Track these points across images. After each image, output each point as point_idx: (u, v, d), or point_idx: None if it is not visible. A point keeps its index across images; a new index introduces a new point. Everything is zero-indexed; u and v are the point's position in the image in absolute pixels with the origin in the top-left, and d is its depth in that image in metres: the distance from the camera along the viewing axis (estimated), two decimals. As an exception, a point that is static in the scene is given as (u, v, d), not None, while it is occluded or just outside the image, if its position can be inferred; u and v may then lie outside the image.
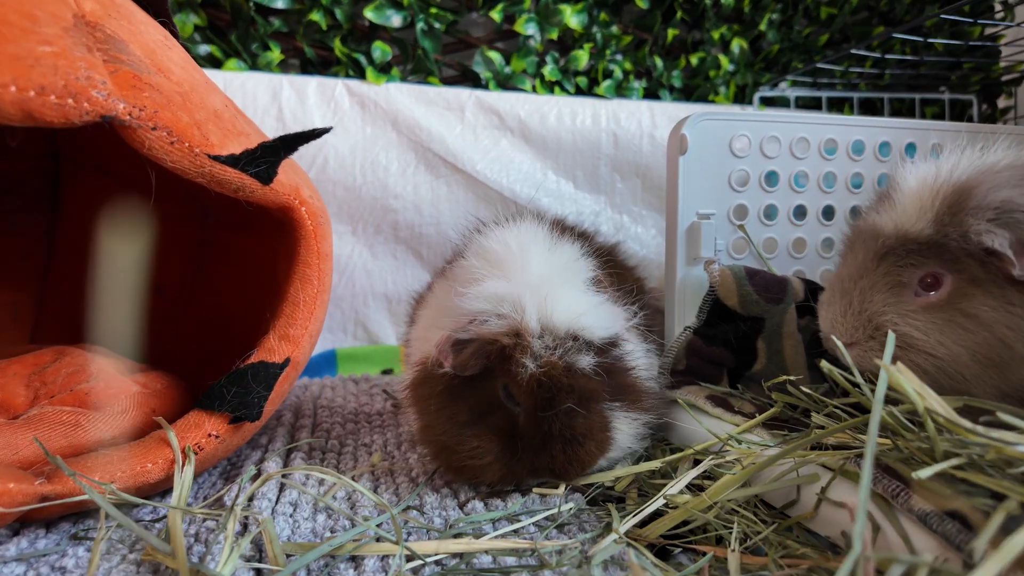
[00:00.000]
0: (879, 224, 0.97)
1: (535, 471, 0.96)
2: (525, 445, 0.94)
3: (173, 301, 1.68)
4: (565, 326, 0.93)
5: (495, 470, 0.95)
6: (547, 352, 0.92)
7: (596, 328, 0.95)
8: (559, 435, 0.93)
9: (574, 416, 0.92)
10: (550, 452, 0.94)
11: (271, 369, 1.02)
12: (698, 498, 0.85)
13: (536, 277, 0.95)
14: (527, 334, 0.92)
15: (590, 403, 0.94)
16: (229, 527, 0.77)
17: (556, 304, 0.93)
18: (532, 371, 0.91)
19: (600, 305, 0.98)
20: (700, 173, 1.24)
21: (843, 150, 1.33)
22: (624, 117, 2.19)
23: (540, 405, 0.92)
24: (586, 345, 0.94)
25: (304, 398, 1.44)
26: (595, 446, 0.95)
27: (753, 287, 1.18)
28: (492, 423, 0.96)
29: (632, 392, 1.00)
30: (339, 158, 2.02)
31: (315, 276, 1.07)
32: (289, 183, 1.05)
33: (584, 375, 0.93)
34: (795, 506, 0.88)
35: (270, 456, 1.12)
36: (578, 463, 0.95)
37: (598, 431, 0.95)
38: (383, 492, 1.03)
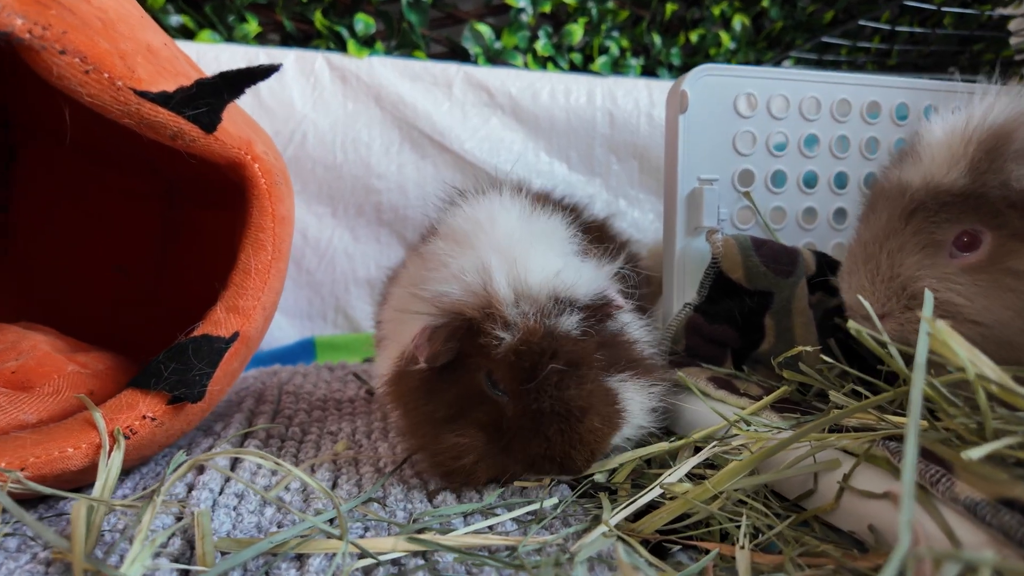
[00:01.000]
0: (905, 178, 0.85)
1: (532, 464, 0.81)
2: (515, 434, 0.81)
3: (138, 282, 1.56)
4: (542, 287, 0.80)
5: (483, 469, 0.82)
6: (523, 319, 0.80)
7: (579, 285, 0.82)
8: (551, 411, 0.79)
9: (565, 385, 0.79)
10: (544, 434, 0.79)
11: (216, 344, 0.90)
12: (700, 487, 0.73)
13: (505, 240, 0.83)
14: (497, 303, 0.80)
15: (582, 368, 0.80)
16: (144, 520, 0.66)
17: (529, 264, 0.81)
18: (508, 342, 0.79)
19: (582, 263, 0.86)
20: (702, 134, 1.13)
21: (857, 112, 1.21)
22: (621, 95, 2.07)
23: (522, 378, 0.79)
24: (569, 305, 0.81)
25: (270, 384, 1.32)
26: (600, 420, 0.80)
27: (760, 258, 1.07)
28: (475, 417, 0.83)
29: (639, 362, 0.88)
30: (318, 135, 1.91)
31: (269, 241, 0.95)
32: (239, 135, 0.93)
33: (570, 337, 0.80)
34: (812, 497, 0.76)
35: (220, 443, 1.00)
36: (581, 444, 0.80)
37: (601, 403, 0.81)
38: (344, 483, 0.91)
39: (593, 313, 0.84)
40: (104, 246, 1.54)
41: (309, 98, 1.92)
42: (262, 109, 1.88)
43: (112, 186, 1.53)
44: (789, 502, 0.79)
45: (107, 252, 1.54)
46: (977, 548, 0.56)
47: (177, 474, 0.70)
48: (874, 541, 0.66)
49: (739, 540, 0.67)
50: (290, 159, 1.91)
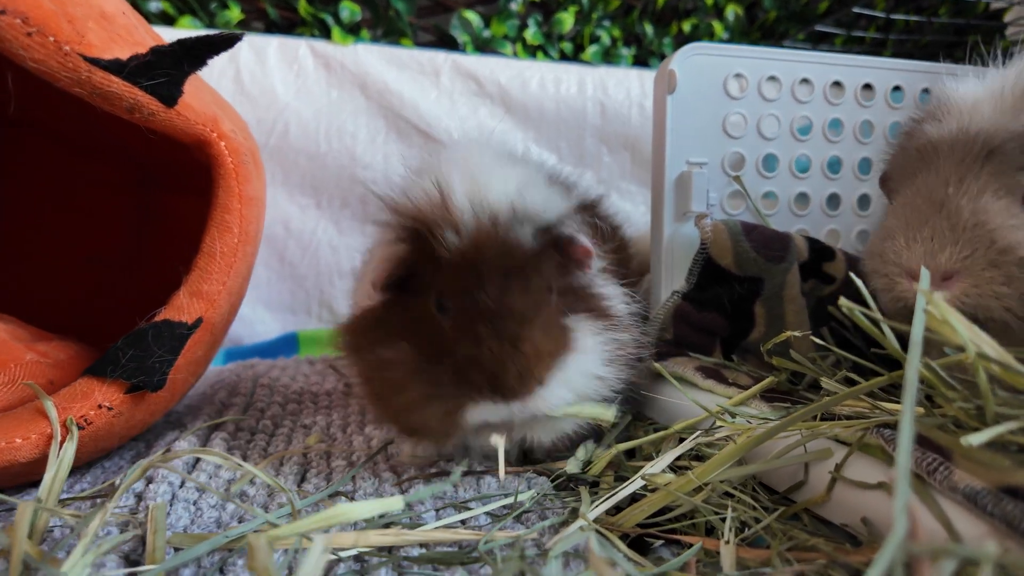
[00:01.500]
0: (972, 126, 0.76)
1: (461, 373, 0.74)
2: (453, 347, 0.74)
3: (110, 270, 1.52)
4: (501, 200, 0.75)
5: (414, 385, 0.75)
6: (477, 224, 0.75)
7: (546, 205, 0.77)
8: (488, 313, 0.72)
9: (510, 290, 0.73)
10: (475, 335, 0.72)
11: (177, 330, 0.86)
12: (683, 478, 0.69)
13: (473, 154, 0.80)
14: (452, 209, 0.75)
15: (532, 278, 0.75)
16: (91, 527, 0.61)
17: (492, 181, 0.76)
18: (457, 246, 0.74)
19: (556, 192, 0.81)
20: (691, 116, 1.09)
21: (851, 94, 1.17)
22: (612, 85, 2.03)
23: (466, 282, 0.73)
24: (528, 219, 0.76)
25: (245, 377, 1.28)
26: (542, 334, 0.73)
27: (751, 244, 1.02)
28: (414, 338, 0.78)
29: (601, 312, 0.82)
30: (302, 124, 1.86)
31: (235, 223, 0.91)
32: (204, 111, 0.89)
33: (523, 247, 0.75)
34: (802, 489, 0.72)
35: (185, 435, 0.95)
36: (516, 353, 0.72)
37: (547, 320, 0.75)
38: (312, 477, 0.87)
39: (555, 244, 0.79)
40: (77, 235, 1.49)
41: (292, 86, 1.88)
42: (243, 96, 1.84)
43: (85, 173, 1.48)
44: (778, 495, 0.75)
45: (80, 241, 1.49)
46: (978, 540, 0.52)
47: (129, 482, 0.66)
48: (868, 534, 0.62)
49: (724, 534, 0.63)
50: (272, 149, 1.86)
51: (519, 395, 0.73)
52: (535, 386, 0.74)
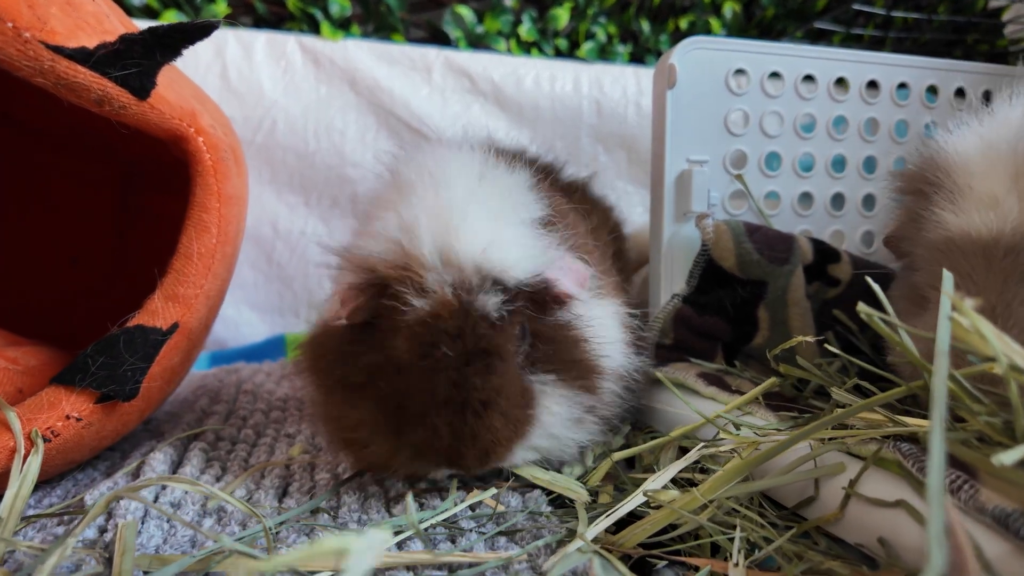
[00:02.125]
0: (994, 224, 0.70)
1: (418, 453, 0.72)
2: (408, 416, 0.72)
3: (90, 272, 1.46)
4: (471, 259, 0.71)
5: (377, 445, 0.73)
6: (440, 289, 0.71)
7: (517, 263, 0.72)
8: (444, 398, 0.69)
9: (468, 372, 0.69)
10: (432, 423, 0.69)
11: (151, 336, 0.81)
12: (688, 495, 0.65)
13: (445, 201, 0.74)
14: (417, 265, 0.71)
15: (491, 357, 0.70)
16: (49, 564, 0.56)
17: (463, 230, 0.72)
18: (418, 312, 0.70)
19: (529, 235, 0.75)
20: (691, 112, 1.05)
21: (856, 91, 1.14)
22: (608, 83, 1.99)
23: (421, 353, 0.70)
24: (494, 283, 0.72)
25: (228, 382, 1.23)
26: (501, 420, 0.70)
27: (753, 245, 0.99)
28: (378, 389, 0.74)
29: (574, 365, 0.77)
30: (289, 121, 1.81)
31: (214, 223, 0.86)
32: (180, 104, 0.84)
33: (486, 319, 0.71)
34: (813, 505, 0.68)
35: (162, 446, 0.90)
36: (473, 441, 0.69)
37: (508, 401, 0.71)
38: (295, 492, 0.82)
39: (529, 297, 0.74)
40: (57, 235, 1.44)
41: (280, 82, 1.82)
42: (230, 93, 1.79)
43: (65, 171, 1.43)
44: (787, 510, 0.71)
45: (60, 242, 1.44)
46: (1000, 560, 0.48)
47: (93, 514, 0.61)
48: (886, 556, 0.58)
49: (732, 556, 0.59)
50: (259, 146, 1.81)
51: (473, 471, 0.74)
52: (496, 463, 0.74)
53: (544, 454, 0.79)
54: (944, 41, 2.23)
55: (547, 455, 0.79)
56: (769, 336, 1.00)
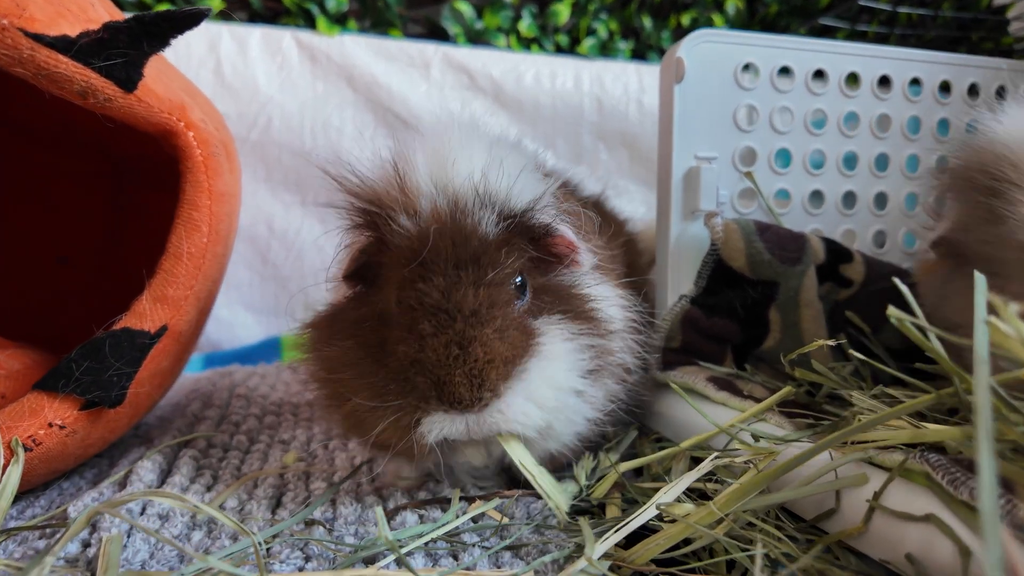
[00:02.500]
0: None
1: (403, 375, 0.65)
2: (394, 340, 0.67)
3: (82, 273, 1.42)
4: (467, 183, 0.68)
5: (359, 393, 0.67)
6: (434, 209, 0.67)
7: (515, 191, 0.69)
8: (435, 308, 0.64)
9: (461, 289, 0.65)
10: (419, 333, 0.64)
11: (139, 339, 0.77)
12: (703, 508, 0.62)
13: (444, 139, 0.71)
14: (408, 189, 0.68)
15: (486, 269, 0.66)
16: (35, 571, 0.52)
17: (461, 158, 0.69)
18: (410, 232, 0.67)
19: (535, 175, 0.72)
20: (700, 107, 1.01)
21: (868, 86, 1.10)
22: (609, 80, 1.96)
23: (414, 277, 0.66)
24: (493, 205, 0.68)
25: (221, 386, 1.20)
26: (498, 336, 0.64)
27: (764, 244, 0.95)
28: (367, 332, 0.70)
29: (582, 313, 0.72)
30: (285, 118, 1.78)
31: (204, 221, 0.83)
32: (170, 97, 0.80)
33: (483, 236, 0.67)
34: (833, 518, 0.64)
35: (151, 454, 0.87)
36: (464, 356, 0.63)
37: (506, 320, 0.66)
38: (288, 502, 0.79)
39: (527, 234, 0.71)
40: (46, 234, 1.40)
41: (276, 78, 1.79)
42: (224, 89, 1.75)
43: (55, 168, 1.39)
44: (805, 523, 0.67)
45: (49, 241, 1.40)
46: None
47: (73, 530, 0.57)
48: (914, 574, 0.54)
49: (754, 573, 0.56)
50: (254, 144, 1.78)
51: (470, 406, 0.65)
52: (488, 396, 0.65)
53: (545, 422, 0.69)
54: (949, 38, 2.20)
55: (548, 427, 0.70)
56: (780, 339, 0.97)
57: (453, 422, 0.66)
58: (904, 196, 1.15)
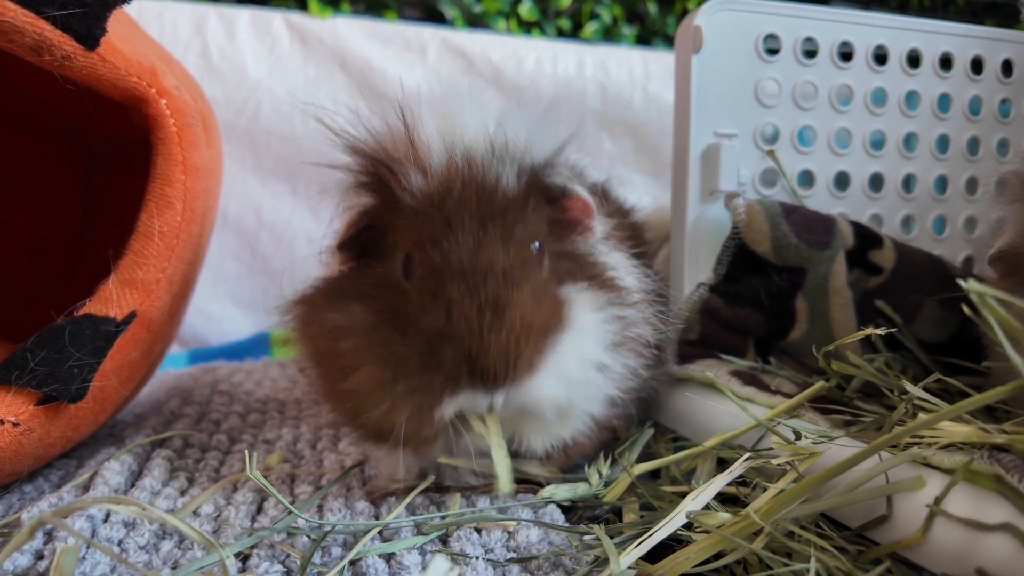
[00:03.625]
0: None
1: (429, 348, 0.58)
2: (419, 316, 0.59)
3: (54, 263, 1.34)
4: (479, 134, 0.62)
5: (371, 365, 0.59)
6: (448, 164, 0.61)
7: (532, 141, 0.63)
8: (462, 270, 0.57)
9: (491, 247, 0.58)
10: (447, 299, 0.57)
11: (103, 326, 0.69)
12: (741, 518, 0.54)
13: (450, 96, 0.65)
14: (418, 143, 0.61)
15: (516, 226, 0.60)
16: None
17: (467, 107, 0.63)
18: (424, 190, 0.60)
19: (550, 127, 0.66)
20: (719, 80, 0.94)
21: (896, 60, 1.03)
22: (613, 66, 1.88)
23: (433, 233, 0.59)
24: (511, 157, 0.62)
25: (203, 382, 1.12)
26: (536, 311, 0.58)
27: (791, 227, 0.88)
28: (375, 300, 0.63)
29: (603, 280, 0.66)
30: (275, 103, 1.70)
31: (178, 198, 0.75)
32: (139, 60, 0.73)
33: (504, 192, 0.61)
34: (885, 526, 0.57)
35: (120, 455, 0.79)
36: (507, 334, 0.56)
37: (539, 289, 0.60)
38: (270, 508, 0.71)
39: (544, 191, 0.65)
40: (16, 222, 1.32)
41: (265, 62, 1.71)
42: (211, 73, 1.67)
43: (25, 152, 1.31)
44: (849, 531, 0.60)
45: (20, 229, 1.32)
46: None
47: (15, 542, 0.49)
48: (990, 594, 0.47)
49: (802, 593, 0.48)
50: (243, 131, 1.70)
51: (504, 382, 0.57)
52: (524, 373, 0.58)
53: (575, 387, 0.63)
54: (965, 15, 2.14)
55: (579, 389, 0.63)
56: (807, 330, 0.90)
57: (478, 400, 0.59)
58: (934, 179, 1.08)
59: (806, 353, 0.92)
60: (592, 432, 0.71)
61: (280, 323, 0.79)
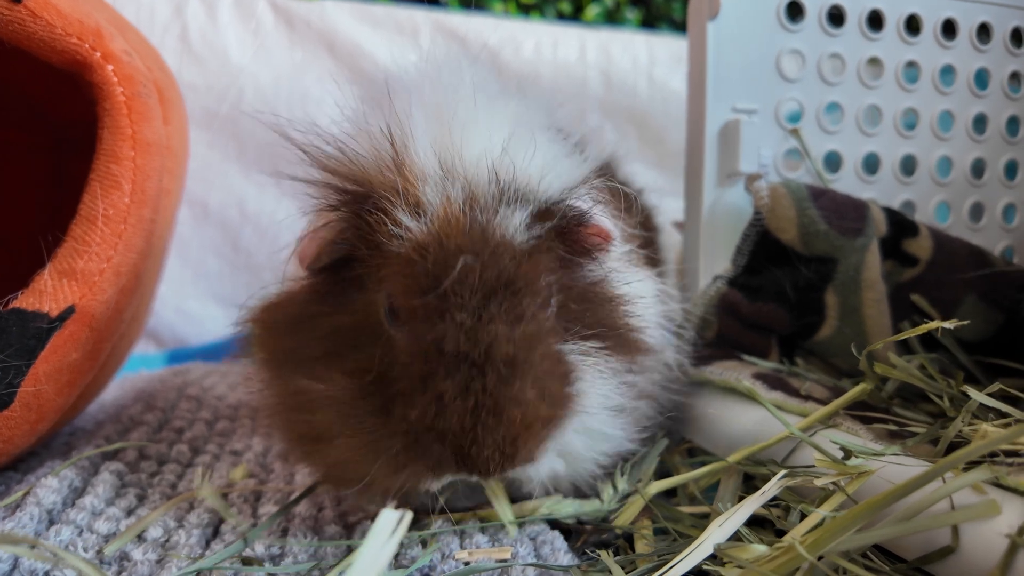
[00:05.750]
0: None
1: (414, 440, 0.50)
2: (407, 393, 0.51)
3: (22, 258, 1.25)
4: (480, 164, 0.53)
5: (350, 438, 0.51)
6: (444, 203, 0.52)
7: (545, 175, 0.54)
8: (454, 356, 0.49)
9: (494, 328, 0.49)
10: (437, 388, 0.49)
11: (33, 323, 0.60)
12: (782, 551, 0.45)
13: (449, 95, 0.56)
14: (410, 173, 0.52)
15: (523, 298, 0.51)
16: None
17: (469, 132, 0.54)
18: (414, 234, 0.51)
19: (563, 151, 0.57)
20: (737, 50, 0.85)
21: (930, 30, 0.94)
22: (617, 52, 1.79)
23: (423, 287, 0.50)
24: (519, 198, 0.53)
25: (171, 385, 1.02)
26: (540, 404, 0.50)
27: (820, 212, 0.79)
28: (353, 358, 0.53)
29: (615, 333, 0.57)
30: (259, 90, 1.61)
31: (126, 177, 0.66)
32: (80, 19, 0.63)
33: (510, 244, 0.52)
34: (951, 559, 0.47)
35: (60, 469, 0.69)
36: (495, 420, 0.49)
37: (546, 372, 0.51)
38: (228, 531, 0.61)
39: (559, 231, 0.56)
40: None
41: (249, 46, 1.62)
42: (191, 58, 1.58)
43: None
44: (905, 563, 0.51)
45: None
46: None
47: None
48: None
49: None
50: (225, 118, 1.60)
51: (498, 474, 0.51)
52: (522, 463, 0.52)
53: (575, 461, 0.58)
54: None
55: (579, 462, 0.58)
56: (838, 327, 0.80)
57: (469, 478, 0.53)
58: (970, 162, 0.98)
59: (835, 353, 0.83)
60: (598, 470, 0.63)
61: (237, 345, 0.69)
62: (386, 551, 0.34)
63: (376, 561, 0.33)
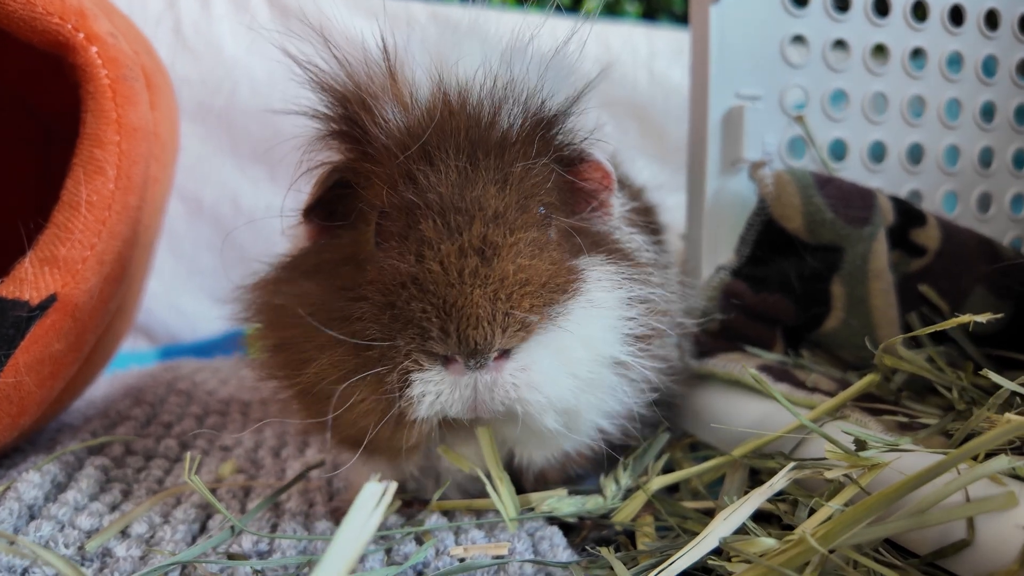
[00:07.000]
0: None
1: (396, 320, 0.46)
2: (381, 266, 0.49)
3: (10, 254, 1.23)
4: (480, 70, 0.52)
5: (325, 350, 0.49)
6: (436, 96, 0.51)
7: (544, 79, 0.53)
8: (449, 218, 0.47)
9: (482, 186, 0.48)
10: (422, 258, 0.46)
11: (13, 312, 0.58)
12: (791, 544, 0.42)
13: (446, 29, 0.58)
14: (402, 77, 0.52)
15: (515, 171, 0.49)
16: None
17: (468, 44, 0.55)
18: (399, 124, 0.50)
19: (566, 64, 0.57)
20: (741, 35, 0.83)
21: (937, 16, 0.92)
22: (616, 44, 1.77)
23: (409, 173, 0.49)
24: (518, 97, 0.51)
25: (160, 380, 1.00)
26: (539, 260, 0.47)
27: (826, 200, 0.77)
28: (338, 275, 0.53)
29: (623, 249, 0.57)
30: (253, 84, 1.59)
31: (111, 162, 0.64)
32: None
33: (503, 127, 0.51)
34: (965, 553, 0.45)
35: (42, 464, 0.67)
36: (492, 280, 0.45)
37: (543, 240, 0.50)
38: (216, 527, 0.59)
39: (555, 148, 0.54)
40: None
41: (243, 39, 1.60)
42: (185, 50, 1.56)
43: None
44: (918, 558, 0.49)
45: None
46: None
47: None
48: None
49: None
50: (219, 112, 1.58)
51: (487, 350, 0.45)
52: (516, 336, 0.46)
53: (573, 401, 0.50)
54: None
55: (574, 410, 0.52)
56: (844, 318, 0.78)
57: (456, 385, 0.47)
58: (978, 151, 0.96)
59: (841, 345, 0.81)
60: (598, 446, 0.60)
61: (232, 315, 0.68)
62: (370, 524, 0.32)
63: (360, 534, 0.31)
